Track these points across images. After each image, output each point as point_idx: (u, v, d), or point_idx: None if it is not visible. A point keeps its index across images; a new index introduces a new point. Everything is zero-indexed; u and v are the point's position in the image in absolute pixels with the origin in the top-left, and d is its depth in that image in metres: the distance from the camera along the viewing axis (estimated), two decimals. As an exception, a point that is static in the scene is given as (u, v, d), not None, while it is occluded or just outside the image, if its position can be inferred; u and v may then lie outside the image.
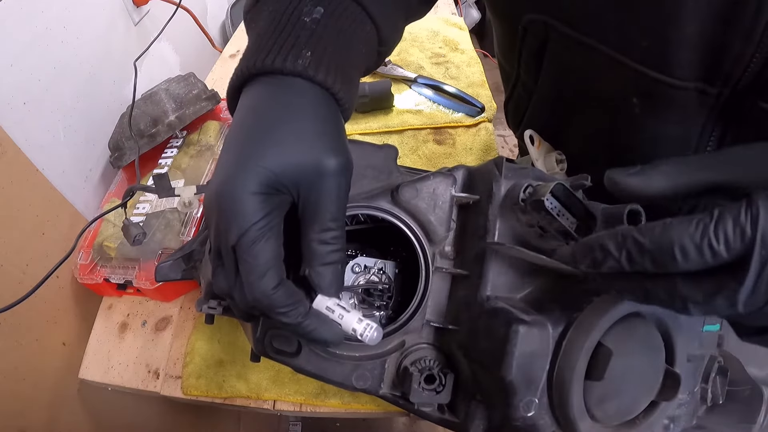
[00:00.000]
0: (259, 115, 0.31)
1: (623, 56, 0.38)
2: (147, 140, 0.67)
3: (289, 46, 0.31)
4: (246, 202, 0.28)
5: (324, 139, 0.30)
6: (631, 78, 0.38)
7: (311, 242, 0.30)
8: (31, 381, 0.58)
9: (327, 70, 0.31)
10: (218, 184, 0.29)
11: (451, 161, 0.75)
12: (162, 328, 0.62)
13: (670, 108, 0.39)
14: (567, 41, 0.41)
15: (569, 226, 0.32)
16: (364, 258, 0.42)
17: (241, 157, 0.29)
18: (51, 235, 0.61)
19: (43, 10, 0.59)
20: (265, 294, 0.28)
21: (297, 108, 0.31)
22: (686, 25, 0.34)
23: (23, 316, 0.55)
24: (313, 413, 0.55)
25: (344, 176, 0.31)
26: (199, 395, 0.55)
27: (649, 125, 0.41)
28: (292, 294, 0.30)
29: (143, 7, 0.82)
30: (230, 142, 0.31)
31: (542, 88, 0.49)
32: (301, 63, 0.31)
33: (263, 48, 0.32)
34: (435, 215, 0.38)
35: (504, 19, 0.51)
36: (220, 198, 0.29)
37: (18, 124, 0.56)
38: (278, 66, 0.31)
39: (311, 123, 0.30)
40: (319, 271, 0.30)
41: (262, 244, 0.28)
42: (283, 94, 0.31)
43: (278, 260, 0.29)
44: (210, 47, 1.08)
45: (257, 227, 0.28)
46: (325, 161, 0.29)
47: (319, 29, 0.33)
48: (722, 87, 0.36)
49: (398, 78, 0.87)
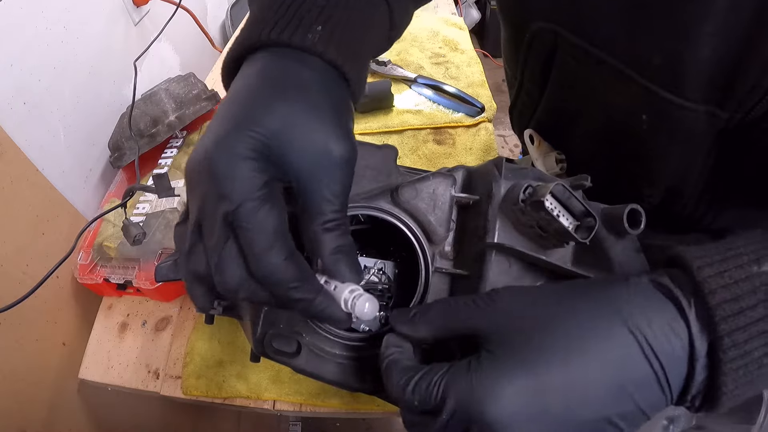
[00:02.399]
0: (257, 86, 0.28)
1: (633, 72, 0.37)
2: (147, 140, 0.67)
3: (298, 20, 0.29)
4: (244, 165, 0.25)
5: (331, 123, 0.27)
6: (640, 94, 0.37)
7: (316, 231, 0.27)
8: (31, 381, 0.58)
9: (338, 48, 0.29)
10: (209, 145, 0.25)
11: (451, 161, 0.75)
12: (162, 328, 0.62)
13: (677, 127, 0.38)
14: (576, 51, 0.41)
15: (569, 226, 0.32)
16: (363, 258, 0.42)
17: (235, 120, 0.26)
18: (51, 235, 0.61)
19: (43, 10, 0.59)
20: (277, 267, 0.25)
21: (306, 83, 0.28)
22: (701, 49, 0.33)
23: (23, 316, 0.55)
24: (313, 413, 0.55)
25: (350, 165, 0.28)
26: (199, 395, 0.55)
27: (655, 141, 0.40)
28: (304, 267, 0.27)
29: (143, 7, 0.82)
30: (221, 111, 0.27)
31: (548, 97, 0.48)
32: (310, 38, 0.28)
33: (269, 20, 0.29)
34: (435, 215, 0.38)
35: (511, 25, 0.50)
36: (211, 161, 0.25)
37: (18, 124, 0.56)
38: (285, 39, 0.28)
39: (321, 102, 0.28)
40: (333, 259, 0.28)
41: (265, 214, 0.25)
42: (292, 67, 0.28)
43: (285, 231, 0.26)
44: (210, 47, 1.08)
45: (256, 196, 0.25)
46: (331, 147, 0.27)
47: (329, 6, 0.30)
48: (734, 113, 0.35)
49: (398, 78, 0.87)
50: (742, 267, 0.24)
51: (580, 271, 0.34)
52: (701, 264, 0.25)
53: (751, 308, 0.23)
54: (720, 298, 0.24)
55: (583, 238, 0.32)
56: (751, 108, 0.34)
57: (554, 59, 0.44)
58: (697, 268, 0.25)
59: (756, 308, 0.23)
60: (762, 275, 0.24)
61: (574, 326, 0.25)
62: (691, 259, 0.25)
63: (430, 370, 0.27)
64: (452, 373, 0.26)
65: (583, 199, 0.34)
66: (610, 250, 0.34)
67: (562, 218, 0.32)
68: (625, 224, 0.33)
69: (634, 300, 0.26)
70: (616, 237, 0.34)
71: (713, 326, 0.23)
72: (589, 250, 0.34)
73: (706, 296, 0.24)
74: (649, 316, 0.25)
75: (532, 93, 0.50)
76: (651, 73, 0.36)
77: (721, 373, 0.23)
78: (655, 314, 0.25)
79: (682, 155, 0.40)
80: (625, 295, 0.26)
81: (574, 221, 0.32)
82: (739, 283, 0.24)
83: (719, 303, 0.23)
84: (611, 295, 0.26)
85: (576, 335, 0.25)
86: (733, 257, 0.25)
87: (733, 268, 0.24)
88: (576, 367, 0.24)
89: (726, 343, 0.23)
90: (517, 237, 0.34)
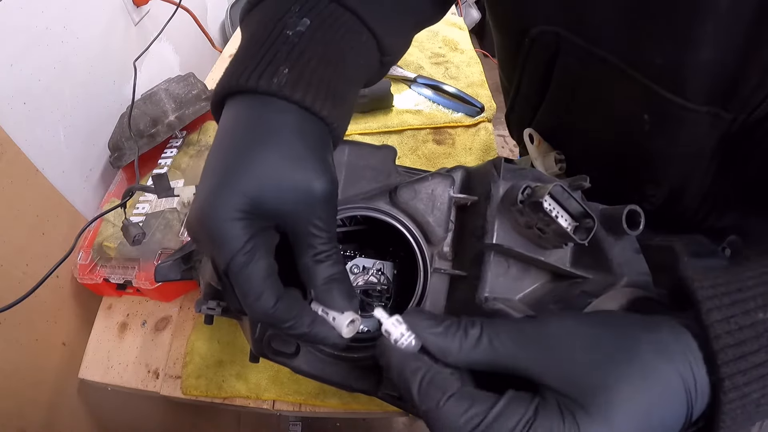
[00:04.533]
0: (235, 136, 0.29)
1: (636, 72, 0.37)
2: (147, 140, 0.67)
3: (266, 63, 0.29)
4: (228, 228, 0.27)
5: (307, 162, 0.28)
6: (643, 94, 0.37)
7: (307, 264, 0.29)
8: (31, 381, 0.58)
9: (306, 88, 0.29)
10: (197, 210, 0.28)
11: (451, 161, 0.75)
12: (162, 328, 0.62)
13: (680, 128, 0.38)
14: (578, 52, 0.40)
15: (567, 227, 0.32)
16: (362, 259, 0.42)
17: (219, 182, 0.28)
18: (51, 235, 0.61)
19: (43, 10, 0.59)
20: (267, 313, 0.28)
21: (274, 129, 0.29)
22: (703, 50, 0.33)
23: (23, 315, 0.55)
24: (312, 413, 0.55)
25: (331, 197, 0.29)
26: (199, 395, 0.55)
27: (658, 142, 0.40)
28: (293, 306, 0.28)
29: (143, 7, 0.82)
30: (208, 166, 0.29)
31: (549, 100, 0.48)
32: (276, 81, 0.29)
33: (242, 64, 0.30)
34: (433, 216, 0.38)
35: (508, 32, 0.49)
36: (201, 225, 0.28)
37: (18, 124, 0.56)
38: (252, 85, 0.29)
39: (291, 145, 0.28)
40: (324, 289, 0.29)
41: (252, 267, 0.27)
42: (258, 116, 0.29)
43: (272, 277, 0.28)
44: (210, 47, 1.08)
45: (243, 252, 0.27)
46: (311, 185, 0.28)
47: (302, 43, 0.30)
48: (737, 113, 0.35)
49: (398, 78, 0.87)
50: (748, 313, 0.25)
51: (579, 272, 0.34)
52: (711, 307, 0.25)
53: (753, 353, 0.24)
54: (724, 344, 0.24)
55: (582, 239, 0.32)
56: (754, 109, 0.34)
57: (555, 62, 0.44)
58: (706, 311, 0.25)
59: (758, 353, 0.24)
60: (766, 322, 0.24)
61: (639, 376, 0.25)
62: (701, 299, 0.25)
63: (506, 408, 0.23)
64: (543, 422, 0.23)
65: (582, 200, 0.34)
66: (609, 250, 0.34)
67: (560, 219, 0.32)
68: (623, 225, 0.33)
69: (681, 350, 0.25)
70: (615, 238, 0.34)
71: (715, 369, 0.24)
72: (587, 250, 0.34)
73: (711, 340, 0.24)
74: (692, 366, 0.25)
75: (530, 98, 0.50)
76: (653, 73, 0.36)
77: (721, 412, 0.24)
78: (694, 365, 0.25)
79: (685, 156, 0.40)
80: (674, 341, 0.26)
81: (573, 222, 0.32)
82: (743, 330, 0.24)
83: (722, 348, 0.24)
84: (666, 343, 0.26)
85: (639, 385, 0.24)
86: (741, 302, 0.25)
87: (740, 314, 0.25)
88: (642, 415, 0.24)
89: (727, 385, 0.24)
90: (515, 238, 0.34)
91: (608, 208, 0.35)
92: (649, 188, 0.44)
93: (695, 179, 0.41)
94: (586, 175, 0.35)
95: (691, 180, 0.41)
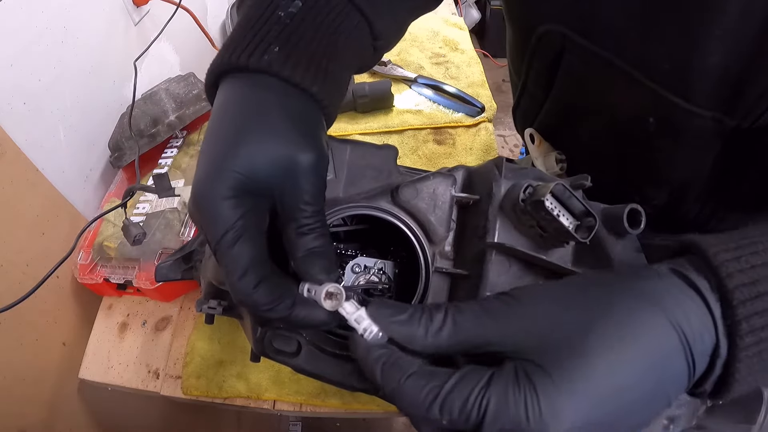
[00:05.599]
0: (227, 115, 0.30)
1: (642, 75, 0.37)
2: (147, 140, 0.67)
3: (257, 42, 0.30)
4: (219, 207, 0.28)
5: (292, 135, 0.29)
6: (648, 97, 0.37)
7: (290, 236, 0.29)
8: (31, 381, 0.58)
9: (295, 66, 0.30)
10: (192, 191, 0.29)
11: (451, 161, 0.75)
12: (162, 328, 0.62)
13: (685, 131, 0.38)
14: (584, 53, 0.40)
15: (569, 226, 0.32)
16: (363, 258, 0.42)
17: (212, 161, 0.29)
18: (51, 235, 0.61)
19: (43, 10, 0.59)
20: (246, 294, 0.28)
21: (264, 106, 0.30)
22: (710, 56, 0.33)
23: (23, 315, 0.55)
24: (313, 413, 0.55)
25: (317, 169, 0.29)
26: (199, 395, 0.55)
27: (662, 144, 0.40)
28: (274, 289, 0.28)
29: (143, 7, 0.82)
30: (203, 145, 0.30)
31: (553, 98, 0.48)
32: (266, 59, 0.30)
33: (234, 43, 0.31)
34: (435, 215, 0.38)
35: (518, 28, 0.50)
36: (195, 204, 0.28)
37: (18, 124, 0.56)
38: (243, 63, 0.30)
39: (279, 121, 0.29)
40: (302, 260, 0.29)
41: (239, 246, 0.28)
42: (250, 93, 0.30)
43: (258, 258, 0.28)
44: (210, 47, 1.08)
45: (233, 230, 0.27)
46: (295, 158, 0.29)
47: (293, 23, 0.31)
48: (741, 120, 0.35)
49: (398, 78, 0.87)
50: (758, 254, 0.24)
51: (581, 271, 0.34)
52: (717, 249, 0.24)
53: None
54: (738, 281, 0.23)
55: (583, 237, 0.32)
56: (759, 116, 0.34)
57: (561, 61, 0.44)
58: (713, 254, 0.24)
59: None
60: None
61: (615, 326, 0.23)
62: (707, 245, 0.25)
63: (461, 379, 0.23)
64: (497, 387, 0.23)
65: (584, 199, 0.34)
66: (611, 249, 0.34)
67: (562, 218, 0.32)
68: (625, 224, 0.33)
69: (671, 292, 0.24)
70: (616, 237, 0.34)
71: (731, 310, 0.23)
72: (589, 249, 0.34)
73: (724, 279, 0.23)
74: (687, 312, 0.23)
75: (536, 95, 0.50)
76: (660, 77, 0.36)
77: (736, 359, 0.23)
78: (691, 310, 0.24)
79: (689, 158, 0.40)
80: (661, 287, 0.24)
81: (574, 221, 0.32)
82: (756, 268, 0.23)
83: (737, 286, 0.23)
84: (647, 289, 0.24)
85: (618, 336, 0.23)
86: (749, 244, 0.24)
87: (749, 254, 0.23)
88: (624, 371, 0.23)
89: (743, 328, 0.23)
90: (517, 237, 0.34)
91: (609, 207, 0.35)
92: (652, 190, 0.44)
93: (697, 182, 0.41)
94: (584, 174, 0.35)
95: (692, 183, 0.41)
